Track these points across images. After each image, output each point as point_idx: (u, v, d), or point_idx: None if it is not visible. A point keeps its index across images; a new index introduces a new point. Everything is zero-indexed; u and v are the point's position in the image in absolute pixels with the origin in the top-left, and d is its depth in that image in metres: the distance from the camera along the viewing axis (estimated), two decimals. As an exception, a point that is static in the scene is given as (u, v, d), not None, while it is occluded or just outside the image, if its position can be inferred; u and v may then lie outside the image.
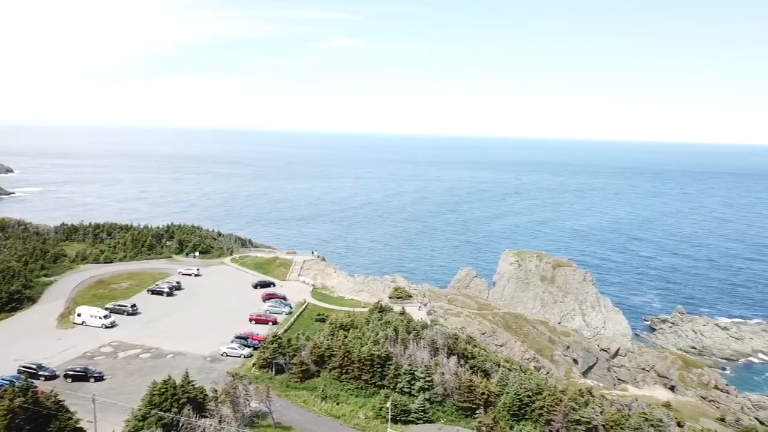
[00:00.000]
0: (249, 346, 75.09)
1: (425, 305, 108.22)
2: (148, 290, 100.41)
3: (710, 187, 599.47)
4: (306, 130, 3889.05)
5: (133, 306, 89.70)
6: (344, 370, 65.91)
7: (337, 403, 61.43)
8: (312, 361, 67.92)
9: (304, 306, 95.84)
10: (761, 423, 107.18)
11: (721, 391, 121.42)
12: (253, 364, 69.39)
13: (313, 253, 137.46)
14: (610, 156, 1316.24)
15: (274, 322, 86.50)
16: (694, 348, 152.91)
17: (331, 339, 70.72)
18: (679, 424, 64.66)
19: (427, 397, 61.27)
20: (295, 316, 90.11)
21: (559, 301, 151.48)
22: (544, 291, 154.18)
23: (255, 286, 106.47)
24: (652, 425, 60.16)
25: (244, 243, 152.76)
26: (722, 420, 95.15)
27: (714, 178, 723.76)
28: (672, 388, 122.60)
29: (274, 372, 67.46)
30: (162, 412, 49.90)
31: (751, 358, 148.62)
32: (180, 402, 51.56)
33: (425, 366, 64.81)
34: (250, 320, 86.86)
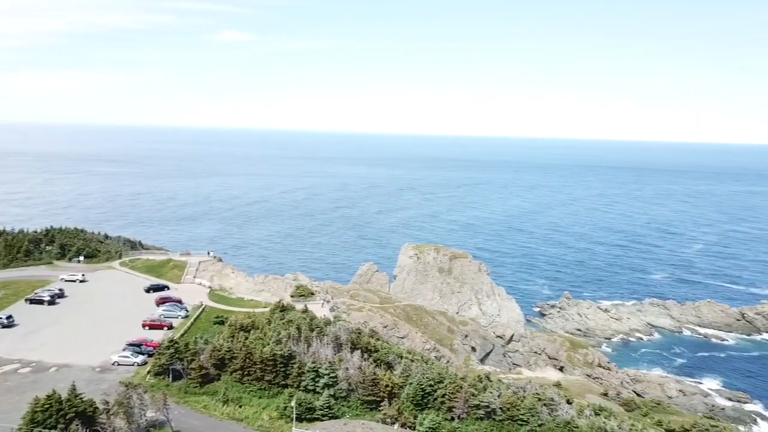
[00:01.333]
0: (143, 354, 71.28)
1: (328, 302, 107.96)
2: (26, 299, 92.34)
3: (588, 180, 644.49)
4: (200, 126, 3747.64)
5: (9, 317, 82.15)
6: (246, 372, 64.28)
7: (240, 406, 59.80)
8: (212, 364, 65.64)
9: (201, 309, 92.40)
10: (638, 395, 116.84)
11: (604, 368, 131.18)
12: (148, 372, 65.97)
13: (209, 253, 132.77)
14: (506, 151, 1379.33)
15: (170, 327, 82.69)
16: (579, 330, 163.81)
17: (232, 341, 68.71)
18: (568, 402, 68.86)
19: (332, 393, 61.17)
20: (192, 319, 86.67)
21: (457, 291, 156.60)
22: (443, 282, 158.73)
23: (147, 291, 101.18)
24: (544, 404, 63.57)
25: (134, 245, 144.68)
26: (605, 395, 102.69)
27: (591, 172, 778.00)
28: (561, 369, 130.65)
29: (171, 378, 64.50)
30: (46, 430, 46.16)
31: (628, 337, 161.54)
32: (67, 417, 47.92)
33: (329, 362, 64.64)
34: (144, 326, 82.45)
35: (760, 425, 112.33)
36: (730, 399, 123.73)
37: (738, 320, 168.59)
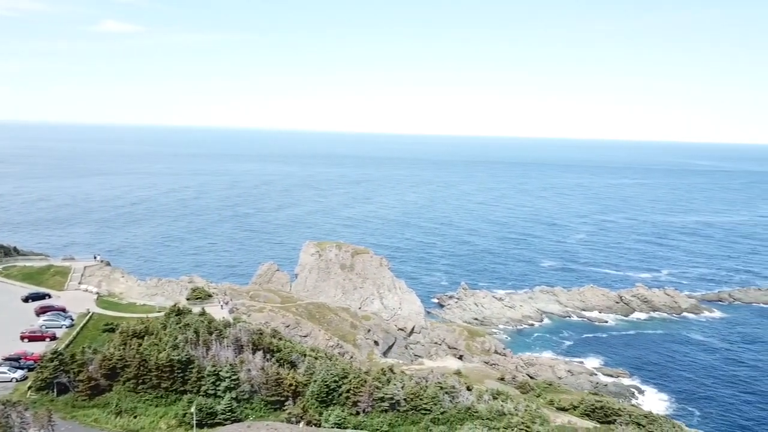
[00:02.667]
0: (22, 368, 65.62)
1: (227, 303, 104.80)
2: None
3: (478, 175, 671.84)
4: (86, 123, 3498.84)
5: None
6: (141, 380, 60.97)
7: (135, 417, 56.60)
8: (102, 375, 61.65)
9: (88, 317, 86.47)
10: (531, 377, 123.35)
11: (500, 354, 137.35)
12: (29, 388, 60.84)
13: (95, 257, 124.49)
14: (407, 148, 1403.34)
15: (53, 338, 76.69)
16: (476, 319, 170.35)
17: (124, 349, 64.89)
18: (468, 388, 71.37)
19: (234, 396, 59.48)
20: (78, 328, 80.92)
21: (359, 287, 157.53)
22: (345, 279, 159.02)
23: (26, 300, 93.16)
24: (446, 392, 65.49)
25: (8, 252, 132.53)
26: (502, 379, 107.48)
27: (481, 167, 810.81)
28: (461, 357, 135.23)
29: (56, 393, 59.87)
30: None
31: (521, 323, 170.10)
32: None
33: (230, 365, 62.79)
34: (22, 338, 75.87)
35: (638, 398, 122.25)
36: (611, 376, 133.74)
37: (617, 303, 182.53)
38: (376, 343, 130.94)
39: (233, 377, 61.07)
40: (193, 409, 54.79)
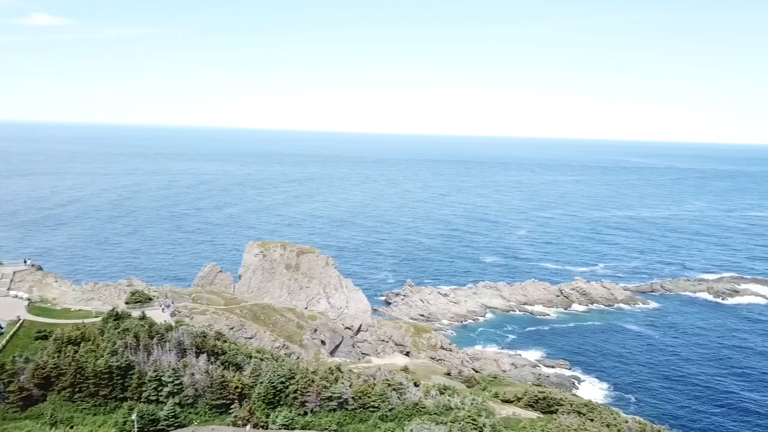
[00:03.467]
0: (-55, 381, 61.70)
1: (168, 306, 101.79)
2: None
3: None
4: (15, 120, 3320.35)
5: None
6: (77, 389, 58.41)
7: (71, 427, 54.16)
8: (35, 384, 58.73)
9: (18, 324, 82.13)
10: (477, 371, 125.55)
11: (446, 350, 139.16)
12: (-46, 402, 57.28)
13: (25, 262, 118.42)
14: (351, 147, 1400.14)
15: (-20, 348, 72.46)
16: (422, 315, 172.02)
17: (58, 356, 61.99)
18: (415, 384, 71.93)
19: (177, 401, 57.84)
20: (8, 336, 76.73)
21: (305, 287, 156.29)
22: (290, 279, 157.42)
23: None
24: (394, 389, 65.76)
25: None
26: (448, 374, 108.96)
27: (426, 165, 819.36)
28: (408, 354, 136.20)
29: (-17, 406, 56.61)
30: None
31: (466, 318, 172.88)
32: None
33: (173, 369, 61.00)
34: (-55, 349, 71.37)
35: (578, 387, 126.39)
36: (553, 367, 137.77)
37: (557, 296, 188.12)
38: (323, 342, 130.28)
39: (176, 382, 59.39)
40: (134, 417, 52.96)
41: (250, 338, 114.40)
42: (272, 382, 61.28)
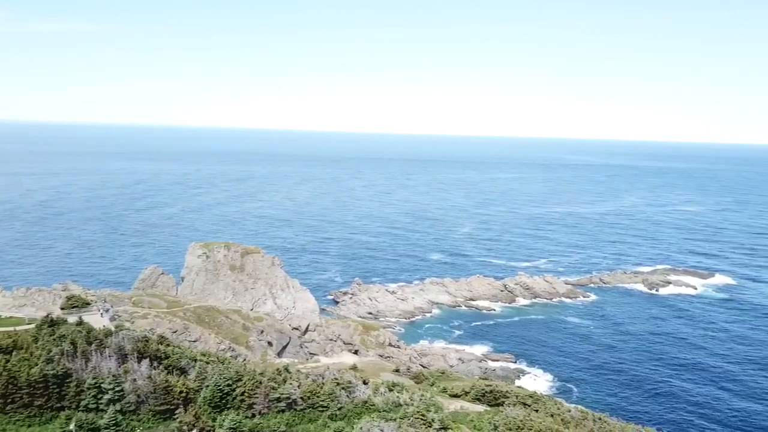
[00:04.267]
0: None
1: (107, 311, 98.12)
2: None
3: (365, 172, 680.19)
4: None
5: None
6: (10, 400, 55.46)
7: (3, 440, 51.47)
8: (-38, 398, 55.39)
9: (-57, 334, 77.37)
10: (425, 367, 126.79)
11: (394, 347, 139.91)
12: None
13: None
14: (298, 145, 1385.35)
15: None
16: (371, 314, 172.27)
17: (-12, 367, 58.69)
18: (364, 382, 71.91)
19: (119, 408, 55.79)
20: (-69, 347, 72.16)
21: (250, 288, 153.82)
22: (235, 280, 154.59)
23: None
24: (343, 388, 65.54)
25: None
26: (397, 371, 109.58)
27: (369, 164, 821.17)
28: (356, 352, 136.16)
29: None
30: None
31: (414, 315, 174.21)
32: None
33: (113, 376, 58.78)
34: None
35: (523, 379, 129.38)
36: (498, 360, 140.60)
37: (501, 291, 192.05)
38: (269, 343, 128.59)
39: (117, 389, 57.27)
40: (72, 426, 50.78)
41: (194, 341, 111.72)
42: (218, 386, 59.98)
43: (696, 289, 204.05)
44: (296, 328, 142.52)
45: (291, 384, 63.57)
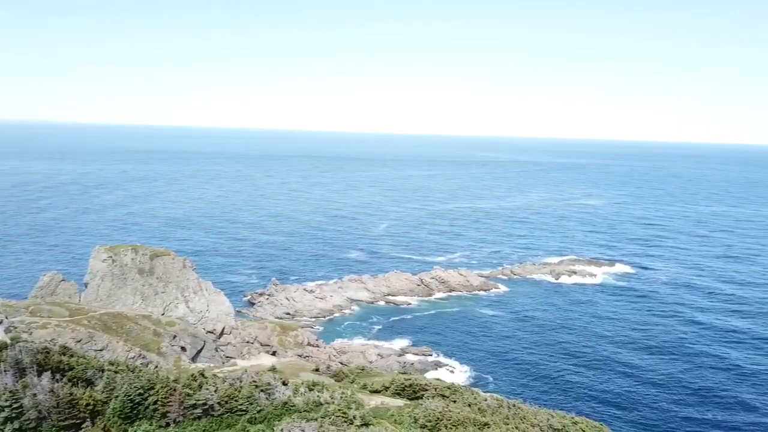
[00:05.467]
0: None
1: (1, 323, 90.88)
2: None
3: (289, 168, 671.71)
4: None
5: None
6: None
7: None
8: None
9: None
10: (345, 365, 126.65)
11: (313, 346, 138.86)
12: None
13: None
14: (207, 143, 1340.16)
15: None
16: (288, 314, 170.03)
17: None
18: (284, 383, 70.64)
19: (18, 426, 51.66)
20: None
21: (161, 292, 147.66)
22: (144, 284, 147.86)
23: None
24: (262, 390, 64.08)
25: None
26: (317, 370, 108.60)
27: (287, 161, 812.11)
28: (274, 353, 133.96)
29: None
30: None
31: (332, 313, 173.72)
32: None
33: (10, 392, 54.41)
34: None
35: (439, 371, 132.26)
36: (416, 354, 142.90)
37: (418, 285, 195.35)
38: (183, 348, 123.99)
39: (15, 405, 52.99)
40: (-38, 450, 46.48)
41: (101, 350, 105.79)
42: (129, 395, 56.97)
43: (598, 277, 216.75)
44: (211, 332, 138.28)
45: (207, 389, 61.45)
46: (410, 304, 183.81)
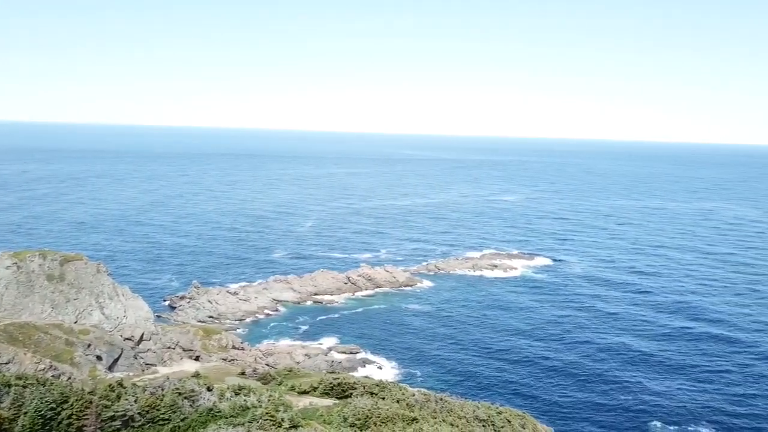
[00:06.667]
0: None
1: None
2: None
3: (205, 168, 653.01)
4: None
5: None
6: None
7: None
8: None
9: None
10: (272, 367, 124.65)
11: (239, 349, 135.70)
12: None
13: None
14: (119, 141, 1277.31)
15: None
16: (211, 317, 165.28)
17: None
18: (208, 389, 68.66)
19: None
20: None
21: (73, 298, 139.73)
22: (54, 291, 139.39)
23: None
24: (185, 397, 62.05)
25: None
26: (243, 373, 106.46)
27: (210, 160, 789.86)
28: (198, 358, 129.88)
29: None
30: None
31: (258, 315, 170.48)
32: None
33: None
34: None
35: (367, 368, 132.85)
36: (344, 353, 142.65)
37: (345, 284, 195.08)
38: (99, 358, 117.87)
39: None
40: None
41: (6, 363, 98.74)
42: (39, 411, 53.56)
43: (518, 270, 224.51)
44: (129, 339, 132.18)
45: (126, 399, 58.71)
46: (337, 302, 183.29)
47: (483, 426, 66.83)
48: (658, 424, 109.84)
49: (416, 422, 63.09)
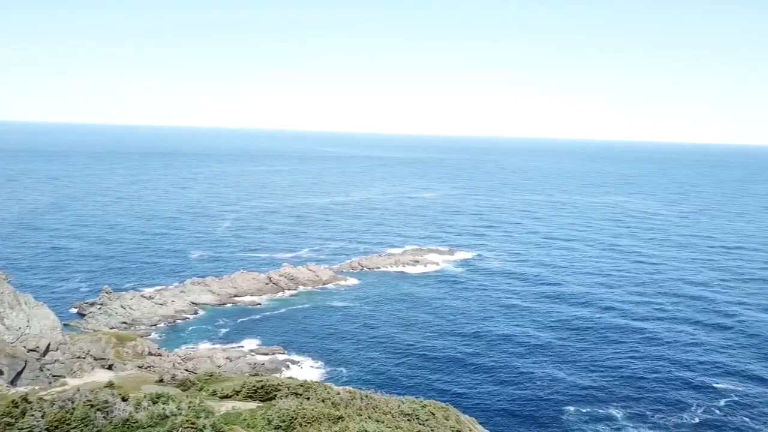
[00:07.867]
0: None
1: None
2: None
3: (113, 167, 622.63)
4: None
5: None
6: None
7: None
8: None
9: None
10: (192, 372, 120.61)
11: (155, 355, 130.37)
12: None
13: None
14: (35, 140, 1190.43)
15: None
16: (125, 323, 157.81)
17: None
18: (123, 399, 65.51)
19: None
20: None
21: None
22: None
23: None
24: (98, 409, 58.96)
25: None
26: (161, 381, 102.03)
27: (118, 158, 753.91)
28: (111, 367, 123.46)
29: None
30: None
31: (175, 319, 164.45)
32: None
33: None
34: None
35: (292, 369, 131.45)
36: (267, 354, 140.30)
37: (267, 284, 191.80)
38: (0, 372, 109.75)
39: None
40: None
41: None
42: (-69, 434, 49.18)
43: (440, 265, 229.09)
44: (34, 350, 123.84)
45: (32, 415, 55.03)
46: (259, 303, 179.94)
47: (408, 420, 67.74)
48: (572, 409, 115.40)
49: (342, 420, 63.06)
